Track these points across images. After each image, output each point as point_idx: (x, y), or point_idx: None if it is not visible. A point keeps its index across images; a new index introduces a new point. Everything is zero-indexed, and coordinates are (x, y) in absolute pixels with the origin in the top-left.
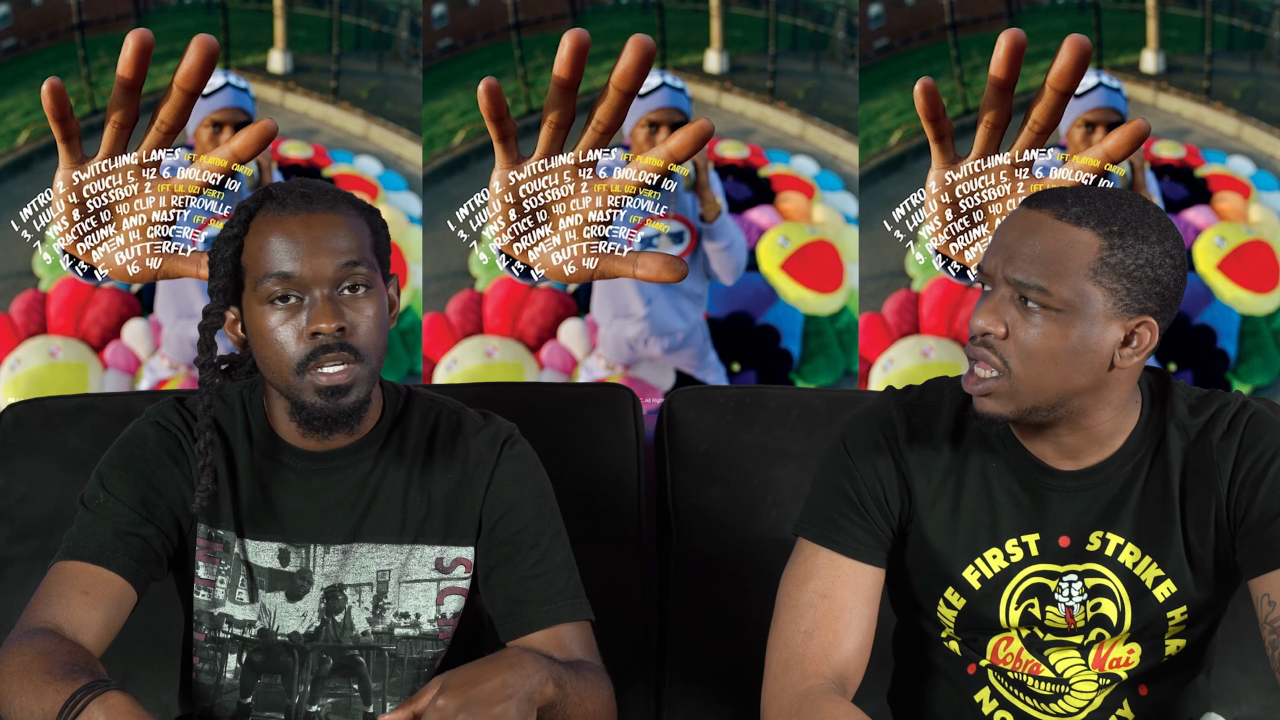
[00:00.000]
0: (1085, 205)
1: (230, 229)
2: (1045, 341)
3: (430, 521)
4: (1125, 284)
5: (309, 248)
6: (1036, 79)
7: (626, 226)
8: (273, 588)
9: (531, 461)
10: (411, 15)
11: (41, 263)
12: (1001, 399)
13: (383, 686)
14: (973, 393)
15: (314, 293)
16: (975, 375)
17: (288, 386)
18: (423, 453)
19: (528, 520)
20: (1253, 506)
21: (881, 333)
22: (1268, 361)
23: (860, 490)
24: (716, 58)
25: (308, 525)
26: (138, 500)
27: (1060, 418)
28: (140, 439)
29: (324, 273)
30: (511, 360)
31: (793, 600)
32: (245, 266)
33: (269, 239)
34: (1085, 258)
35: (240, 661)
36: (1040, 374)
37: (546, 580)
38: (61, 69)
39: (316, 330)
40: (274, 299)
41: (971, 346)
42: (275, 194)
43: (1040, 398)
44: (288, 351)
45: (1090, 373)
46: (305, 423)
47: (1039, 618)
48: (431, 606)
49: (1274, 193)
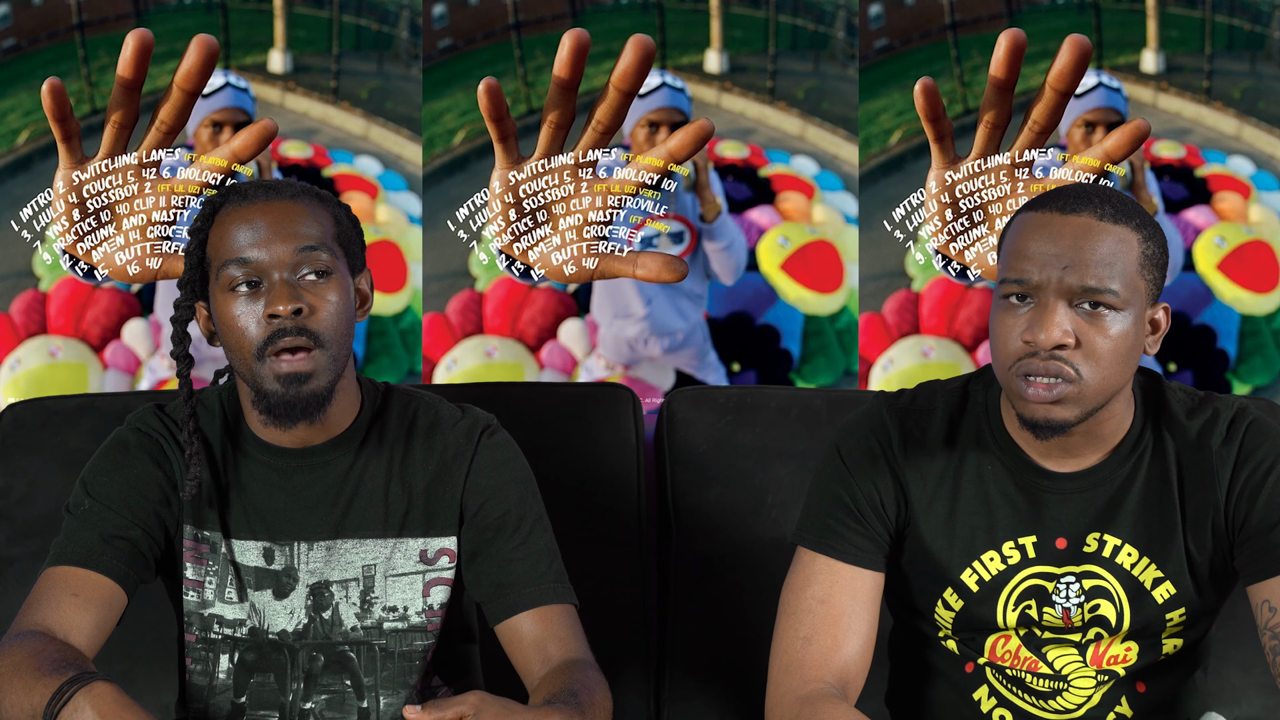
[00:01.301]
0: (1108, 202)
1: (196, 223)
2: (1115, 344)
3: (412, 514)
4: (1156, 274)
5: (268, 233)
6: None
7: (626, 226)
8: (260, 586)
9: (511, 449)
10: (411, 15)
11: (41, 263)
12: (1070, 405)
13: (375, 680)
14: (1042, 401)
15: (272, 276)
16: (1044, 384)
17: (251, 374)
18: (402, 446)
19: (509, 505)
20: (1252, 513)
21: (881, 333)
22: (1268, 361)
23: (856, 497)
24: (716, 58)
25: (290, 523)
26: (122, 504)
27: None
28: (122, 445)
29: (281, 257)
30: (511, 360)
31: (792, 607)
32: (210, 258)
33: (230, 228)
34: (1134, 253)
35: (232, 661)
36: (1109, 375)
37: (530, 563)
38: (61, 69)
39: (274, 313)
40: (235, 285)
41: (1036, 362)
42: (240, 188)
43: (1102, 398)
44: (248, 337)
45: (1134, 367)
46: (267, 410)
47: (1036, 619)
48: (418, 599)
49: (1274, 193)
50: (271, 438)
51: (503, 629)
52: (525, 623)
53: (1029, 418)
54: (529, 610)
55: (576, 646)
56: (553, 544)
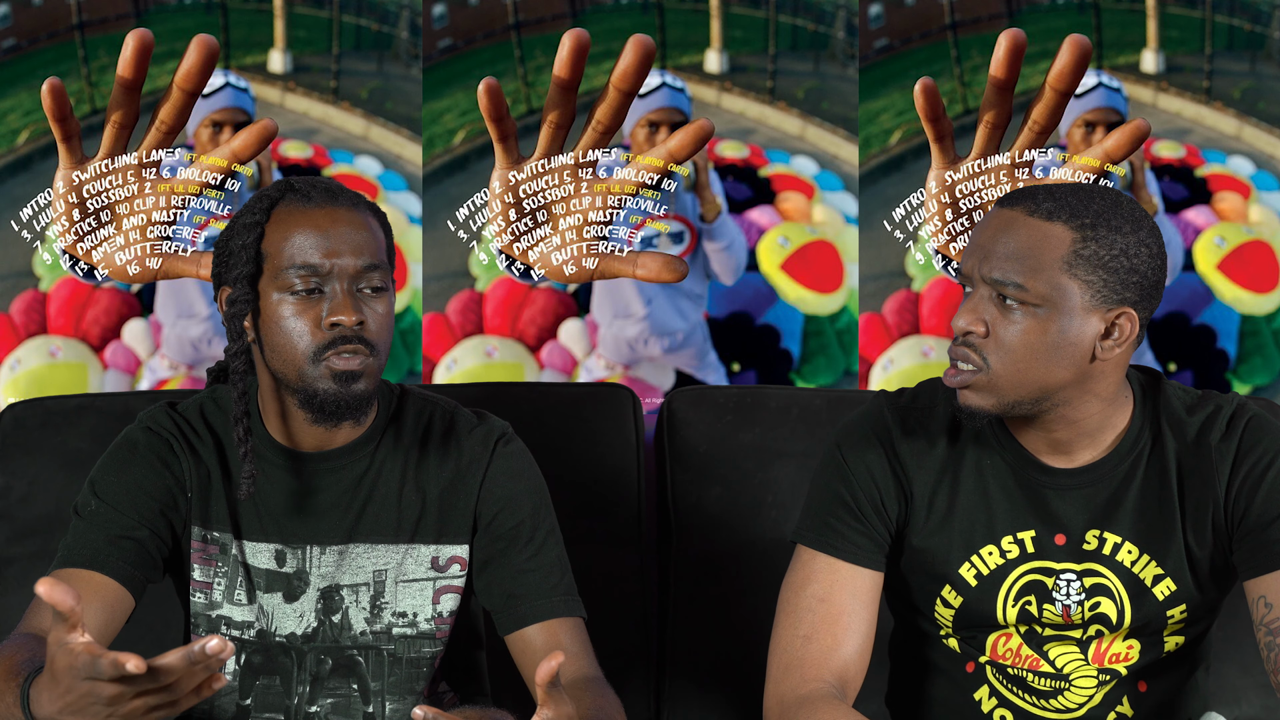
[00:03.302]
0: (1056, 200)
1: (251, 216)
2: (1025, 338)
3: (425, 520)
4: (1101, 275)
5: (335, 243)
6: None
7: (626, 226)
8: (270, 589)
9: (526, 459)
10: (411, 15)
11: (41, 263)
12: (980, 392)
13: (381, 686)
14: (952, 385)
15: (335, 285)
16: (955, 369)
17: (299, 374)
18: (417, 451)
19: (523, 515)
20: (1250, 509)
21: (881, 333)
22: (1268, 361)
23: (857, 495)
24: (716, 58)
25: (303, 526)
26: (129, 504)
27: (1045, 410)
28: (131, 444)
29: (347, 269)
30: (511, 360)
31: (791, 606)
32: (265, 254)
33: (295, 230)
34: (1058, 251)
35: (239, 663)
36: (1021, 370)
37: (541, 575)
38: (61, 69)
39: (337, 321)
40: (294, 289)
41: (953, 346)
42: (297, 186)
43: (1021, 392)
44: (304, 340)
45: (1071, 366)
46: (317, 409)
47: (1036, 615)
48: (428, 605)
49: (1274, 193)
50: (288, 441)
51: (513, 639)
52: (535, 635)
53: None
54: (540, 623)
55: (586, 662)
56: (564, 556)
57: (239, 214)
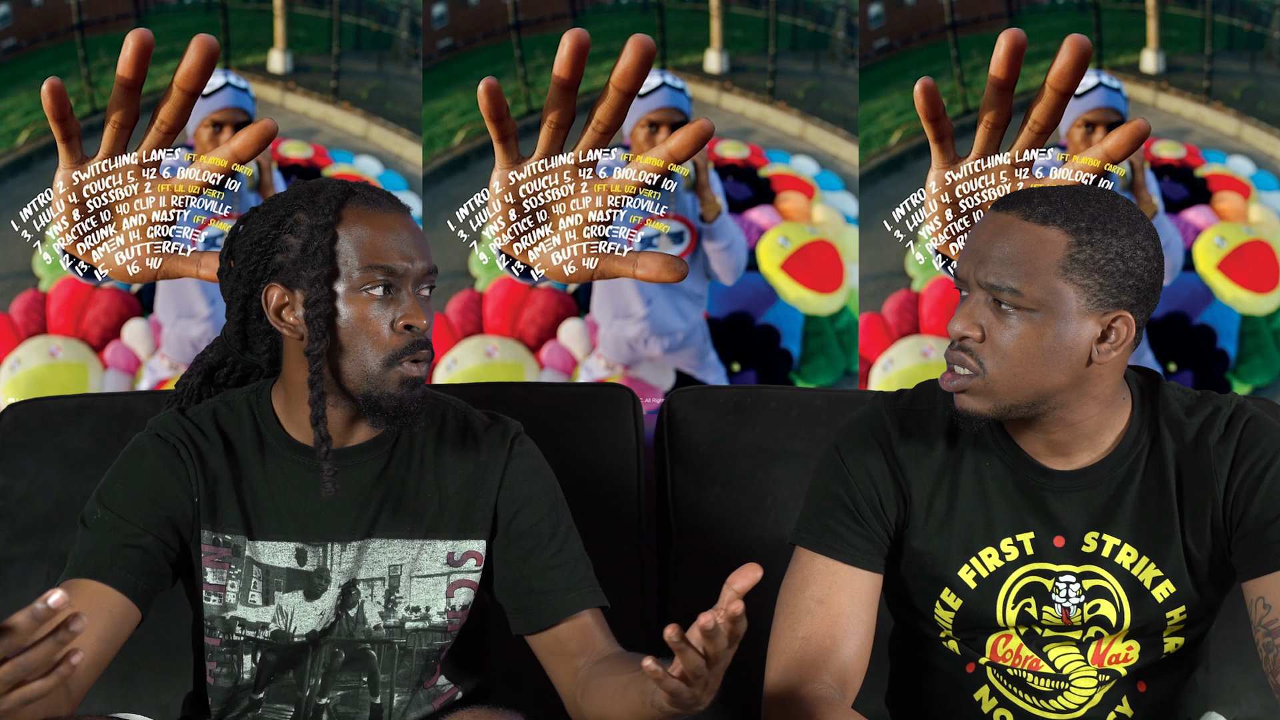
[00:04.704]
0: (1052, 204)
1: (322, 217)
2: (1020, 342)
3: (443, 516)
4: (1097, 279)
5: (410, 248)
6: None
7: (626, 226)
8: (290, 588)
9: (539, 458)
10: (411, 15)
11: (41, 263)
12: (977, 396)
13: (390, 677)
14: (948, 389)
15: (405, 288)
16: (951, 373)
17: (366, 377)
18: (433, 448)
19: (543, 513)
20: (1249, 510)
21: (881, 333)
22: (1268, 361)
23: (856, 497)
24: (716, 58)
25: (325, 523)
26: (135, 512)
27: (1043, 414)
28: (139, 451)
29: (418, 273)
30: (511, 360)
31: (790, 607)
32: (339, 254)
33: (373, 232)
34: (1054, 255)
35: (255, 661)
36: (1017, 374)
37: (567, 570)
38: (61, 69)
39: (412, 324)
40: (372, 290)
41: (949, 351)
42: (356, 189)
43: (1018, 396)
44: (383, 340)
45: (1068, 370)
46: (381, 413)
47: (1036, 617)
48: (442, 599)
49: (1274, 193)
50: (307, 440)
51: (545, 635)
52: (569, 627)
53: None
54: (573, 615)
55: (615, 646)
56: (583, 549)
57: (283, 214)
